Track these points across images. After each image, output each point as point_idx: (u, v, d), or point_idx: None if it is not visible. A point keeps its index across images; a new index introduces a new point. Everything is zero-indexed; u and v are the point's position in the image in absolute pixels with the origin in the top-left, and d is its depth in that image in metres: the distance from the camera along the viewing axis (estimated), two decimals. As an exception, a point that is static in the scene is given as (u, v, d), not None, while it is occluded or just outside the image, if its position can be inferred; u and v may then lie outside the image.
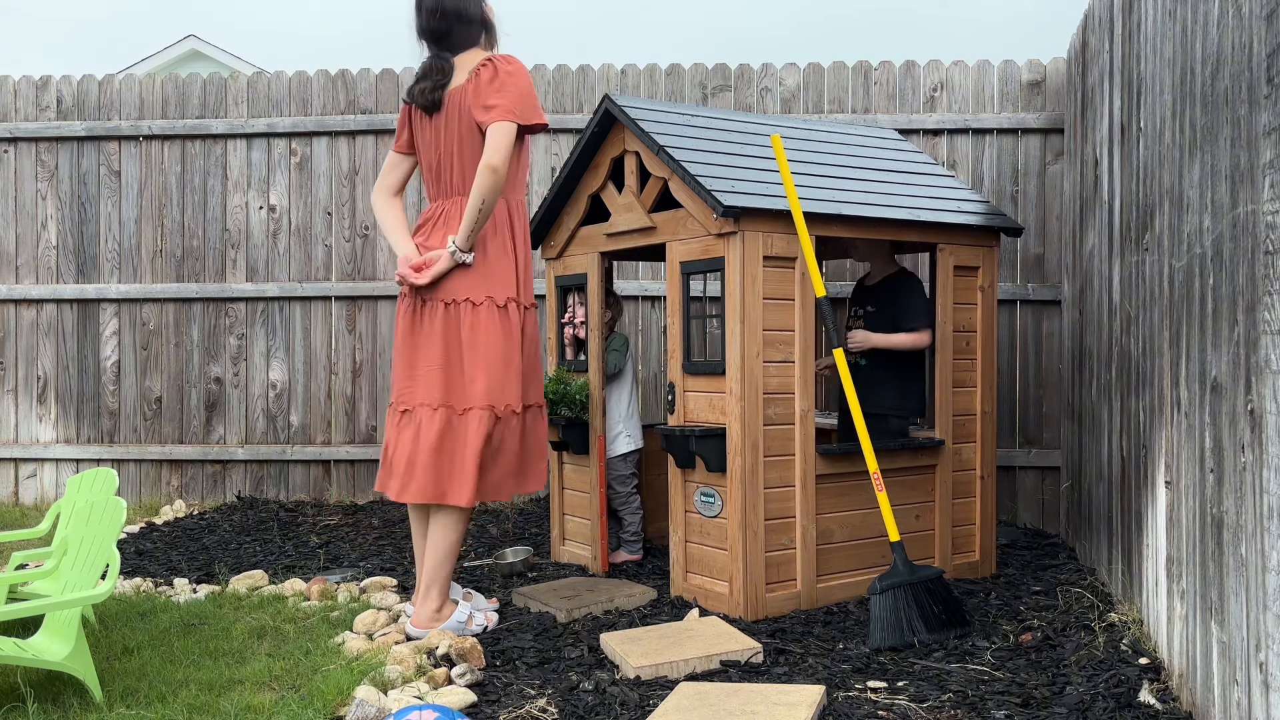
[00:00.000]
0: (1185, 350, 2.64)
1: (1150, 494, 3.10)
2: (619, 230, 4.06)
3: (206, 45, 14.57)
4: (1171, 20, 2.83)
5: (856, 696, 2.75)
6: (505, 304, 3.41)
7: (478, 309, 3.37)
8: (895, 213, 3.90)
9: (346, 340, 5.86)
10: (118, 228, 5.96)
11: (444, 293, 3.38)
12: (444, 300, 3.38)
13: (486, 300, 3.38)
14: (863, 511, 3.84)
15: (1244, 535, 2.09)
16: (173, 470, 5.95)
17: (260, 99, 5.89)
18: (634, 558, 4.44)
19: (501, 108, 3.31)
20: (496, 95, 3.33)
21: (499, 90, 3.33)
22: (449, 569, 3.41)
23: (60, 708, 2.75)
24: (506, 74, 3.36)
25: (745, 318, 3.55)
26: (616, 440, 4.39)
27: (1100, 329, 4.02)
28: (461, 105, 3.39)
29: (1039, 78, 5.42)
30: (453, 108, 3.41)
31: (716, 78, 5.63)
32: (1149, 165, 3.15)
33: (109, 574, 2.81)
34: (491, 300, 3.39)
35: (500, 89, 3.33)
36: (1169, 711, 2.57)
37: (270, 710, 2.69)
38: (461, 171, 3.43)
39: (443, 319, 3.38)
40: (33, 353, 5.99)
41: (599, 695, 2.79)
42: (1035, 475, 5.39)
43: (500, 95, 3.33)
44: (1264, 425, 1.96)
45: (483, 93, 3.35)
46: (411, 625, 3.36)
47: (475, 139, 3.38)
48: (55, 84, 5.98)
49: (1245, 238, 2.09)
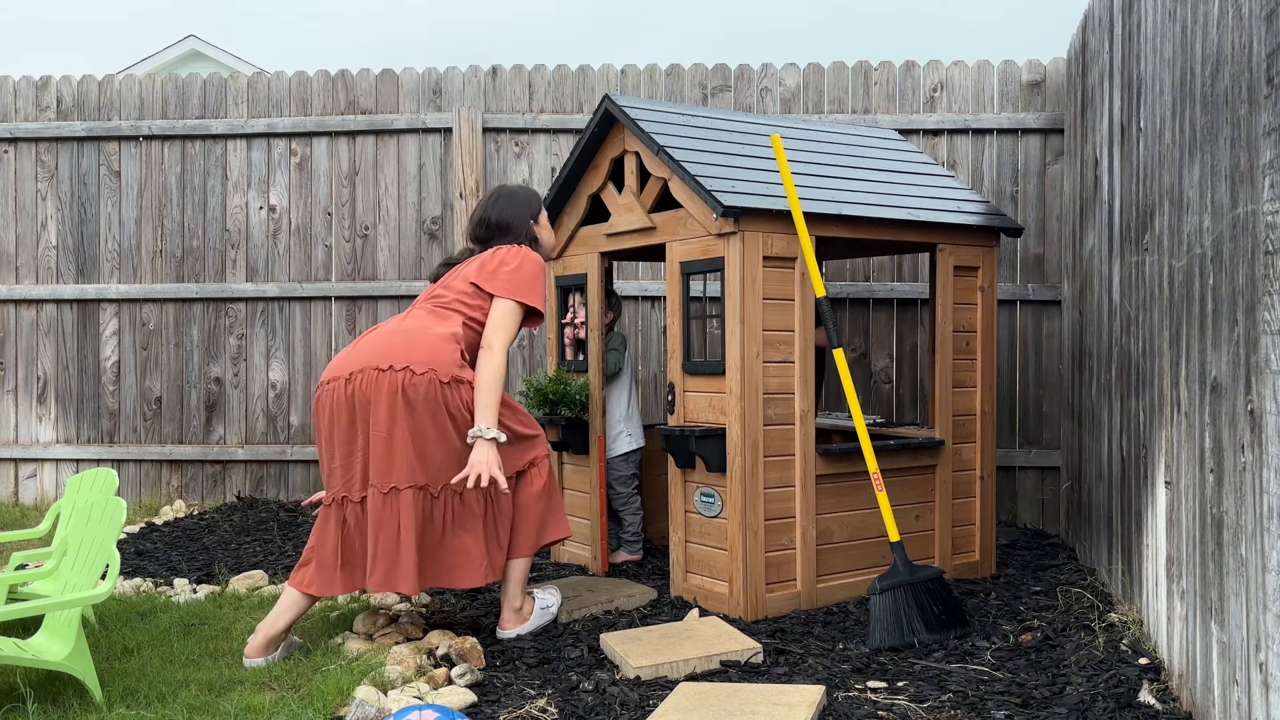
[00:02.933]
0: (1185, 350, 2.64)
1: (1150, 494, 3.10)
2: (619, 230, 4.06)
3: (206, 45, 14.57)
4: (1171, 20, 2.83)
5: (856, 696, 2.75)
6: (449, 380, 3.25)
7: (417, 378, 3.23)
8: (895, 213, 3.90)
9: (346, 340, 5.85)
10: (118, 228, 5.96)
11: (375, 359, 3.27)
12: (376, 366, 3.25)
13: (429, 373, 3.24)
14: (863, 511, 3.84)
15: (1244, 535, 2.09)
16: (173, 470, 5.95)
17: (260, 99, 5.89)
18: (634, 558, 4.44)
19: (507, 286, 3.36)
20: (504, 272, 3.38)
21: (509, 268, 3.38)
22: (524, 577, 3.44)
23: (60, 708, 2.74)
24: (516, 257, 3.40)
25: (745, 318, 3.55)
26: (618, 440, 4.40)
27: (1100, 329, 4.02)
28: (473, 261, 3.47)
29: (1039, 78, 5.42)
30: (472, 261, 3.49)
31: (716, 78, 5.63)
32: (1149, 165, 3.15)
33: (109, 574, 2.80)
34: (434, 373, 3.24)
35: (516, 269, 3.38)
36: (1169, 711, 2.57)
37: (270, 710, 2.69)
38: (439, 292, 3.45)
39: (385, 389, 3.25)
40: (33, 353, 5.99)
41: (599, 695, 2.79)
42: (1035, 475, 5.39)
43: (509, 275, 3.37)
44: (1264, 425, 1.96)
45: (487, 265, 3.40)
46: (501, 629, 3.40)
47: (466, 281, 3.41)
48: (55, 84, 5.98)
49: (1245, 238, 2.09)
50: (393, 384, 3.16)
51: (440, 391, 3.18)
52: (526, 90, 5.72)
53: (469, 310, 3.38)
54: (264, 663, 3.14)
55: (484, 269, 3.40)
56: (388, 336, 3.30)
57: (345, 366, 3.25)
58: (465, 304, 3.38)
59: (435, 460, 3.18)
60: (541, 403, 4.26)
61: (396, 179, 5.82)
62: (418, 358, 3.20)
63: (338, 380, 3.24)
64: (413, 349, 3.23)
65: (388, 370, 3.18)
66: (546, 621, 3.46)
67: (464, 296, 3.39)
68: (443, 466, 3.19)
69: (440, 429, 3.19)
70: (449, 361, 3.23)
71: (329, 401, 3.24)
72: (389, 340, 3.27)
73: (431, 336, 3.27)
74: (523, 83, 5.72)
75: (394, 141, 5.81)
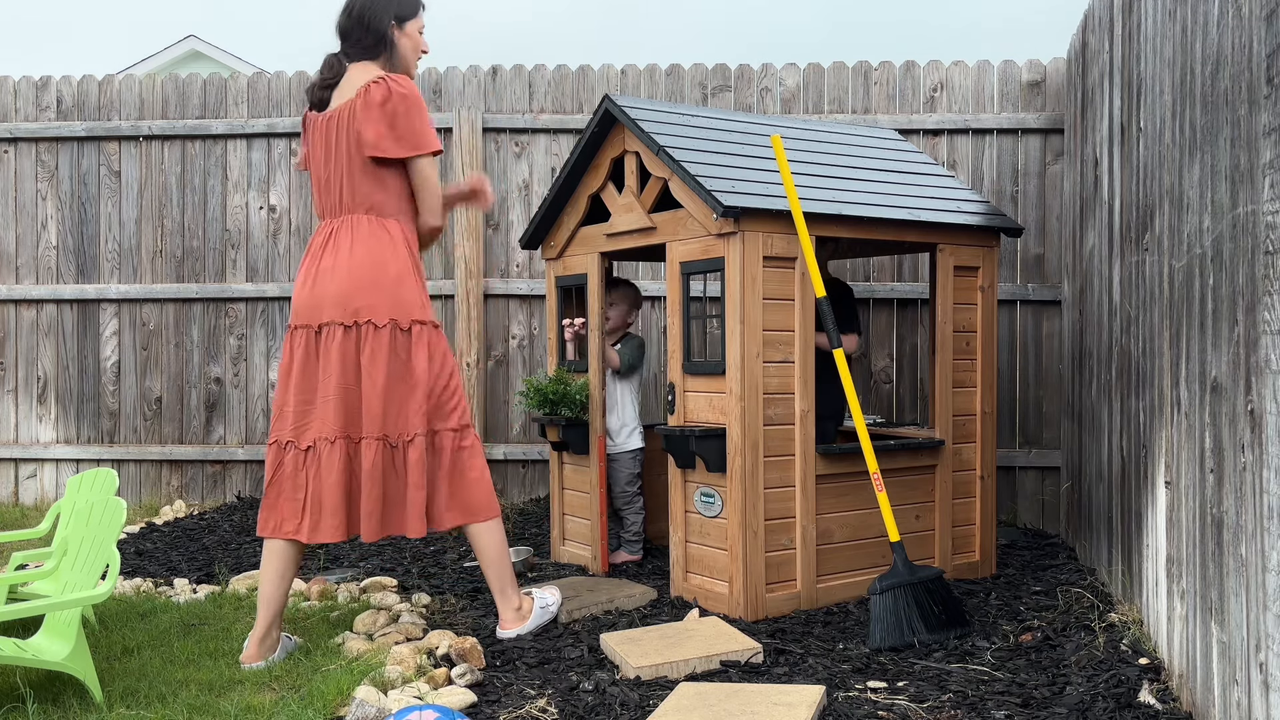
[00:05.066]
0: (1185, 350, 2.64)
1: (1150, 494, 3.10)
2: (619, 230, 4.06)
3: (206, 45, 14.58)
4: (1171, 20, 2.83)
5: (856, 696, 2.76)
6: (409, 327, 3.22)
7: (379, 332, 3.18)
8: (895, 213, 3.90)
9: (346, 340, 5.85)
10: (118, 228, 5.96)
11: (336, 314, 3.19)
12: (339, 323, 3.19)
13: (390, 323, 3.19)
14: (863, 511, 3.84)
15: (1244, 535, 2.09)
16: (173, 470, 5.95)
17: (260, 99, 5.89)
18: (634, 558, 4.44)
19: (415, 139, 3.20)
20: (404, 124, 3.19)
21: (406, 117, 3.19)
22: (509, 565, 3.41)
23: (60, 708, 2.75)
24: (401, 97, 3.18)
25: (745, 318, 3.55)
26: (630, 436, 4.41)
27: (1100, 329, 4.02)
28: (349, 124, 3.20)
29: (1039, 78, 5.42)
30: (339, 123, 3.23)
31: (716, 78, 5.63)
32: (1149, 165, 3.15)
33: (109, 574, 2.80)
34: (395, 323, 3.19)
35: (407, 116, 3.19)
36: (1169, 711, 2.57)
37: (270, 710, 2.69)
38: (351, 189, 3.23)
39: (339, 343, 3.19)
40: (33, 353, 5.99)
41: (599, 695, 2.79)
42: (1035, 475, 5.39)
43: (409, 124, 3.20)
44: (1264, 425, 1.96)
45: (375, 114, 3.17)
46: (501, 629, 3.38)
47: (361, 156, 3.21)
48: (55, 84, 5.98)
49: (1245, 238, 2.09)
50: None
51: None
52: (526, 90, 5.72)
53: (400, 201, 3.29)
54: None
55: (374, 127, 3.17)
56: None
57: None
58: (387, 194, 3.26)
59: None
60: (541, 403, 4.25)
61: (396, 179, 5.81)
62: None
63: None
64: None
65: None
66: (546, 620, 3.46)
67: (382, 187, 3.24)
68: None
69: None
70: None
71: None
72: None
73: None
74: (523, 83, 5.72)
75: (394, 141, 5.81)
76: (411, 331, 3.22)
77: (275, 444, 3.25)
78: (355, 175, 3.22)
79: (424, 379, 3.23)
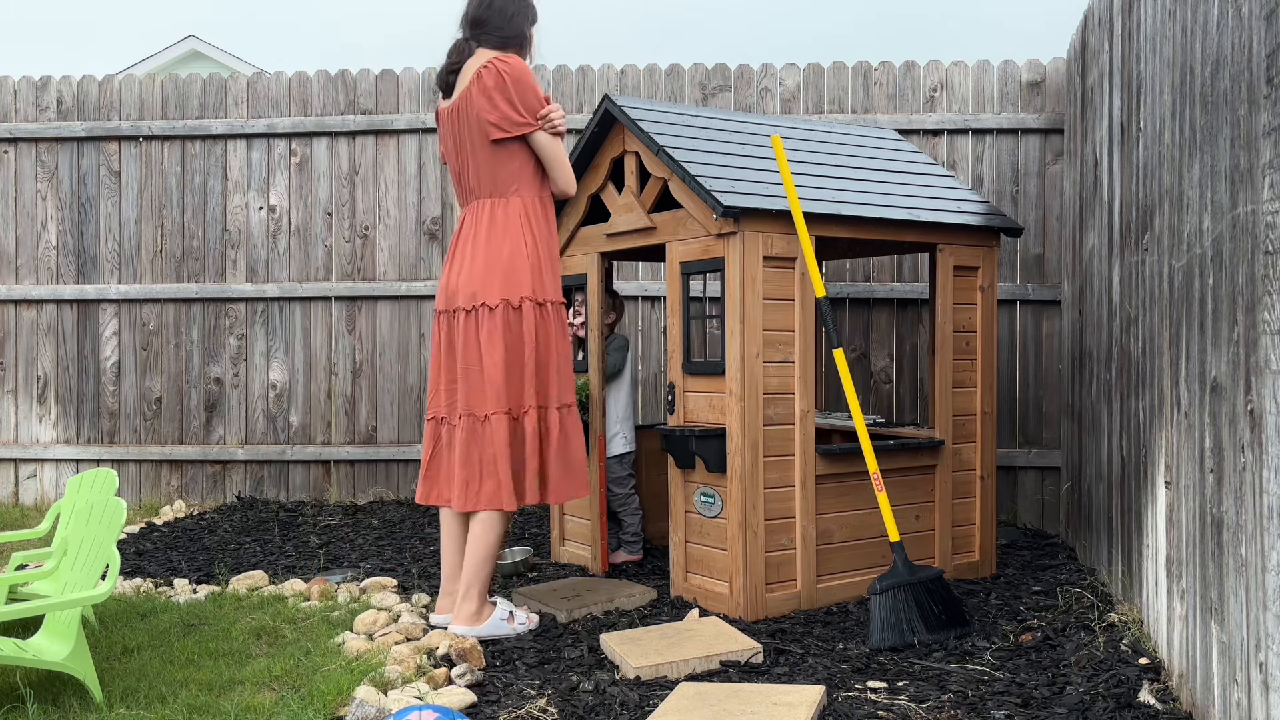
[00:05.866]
0: (1185, 350, 2.64)
1: (1150, 494, 3.10)
2: (619, 230, 4.06)
3: (206, 45, 14.57)
4: (1171, 20, 2.83)
5: (856, 696, 2.76)
6: (519, 304, 3.40)
7: (493, 313, 3.37)
8: (895, 213, 3.90)
9: (346, 340, 5.86)
10: (118, 228, 5.96)
11: (462, 300, 3.41)
12: (464, 308, 3.41)
13: (502, 303, 3.38)
14: (862, 511, 3.84)
15: (1244, 535, 2.09)
16: (173, 470, 5.95)
17: (260, 99, 5.89)
18: (634, 558, 4.44)
19: (531, 115, 3.40)
20: (519, 101, 3.39)
21: (521, 96, 3.39)
22: (489, 569, 3.42)
23: (60, 708, 2.75)
24: (513, 79, 3.38)
25: (745, 318, 3.55)
26: (613, 441, 4.39)
27: (1100, 329, 4.02)
28: (467, 111, 3.42)
29: (1039, 78, 5.42)
30: (460, 113, 3.45)
31: (716, 78, 5.63)
32: (1149, 165, 3.15)
33: (109, 574, 2.80)
34: (506, 303, 3.38)
35: (521, 94, 3.39)
36: (1169, 711, 2.57)
37: (270, 710, 2.69)
38: (477, 175, 3.46)
39: (464, 327, 3.41)
40: (33, 353, 5.99)
41: (599, 695, 2.79)
42: (1035, 475, 5.39)
43: (525, 101, 3.40)
44: (1264, 425, 1.96)
45: (491, 99, 3.37)
46: (454, 624, 3.37)
47: (484, 141, 3.41)
48: (55, 84, 5.99)
49: (1245, 238, 2.09)
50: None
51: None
52: (526, 90, 5.72)
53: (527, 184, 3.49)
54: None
55: (491, 112, 3.37)
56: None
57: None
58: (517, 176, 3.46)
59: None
60: (541, 403, 4.24)
61: (396, 179, 5.82)
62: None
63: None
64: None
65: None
66: (502, 634, 3.39)
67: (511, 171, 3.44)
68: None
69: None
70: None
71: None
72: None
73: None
74: (523, 83, 5.72)
75: (394, 142, 5.82)
76: (522, 309, 3.40)
77: (432, 419, 3.53)
78: (480, 160, 3.45)
79: (530, 355, 3.41)
